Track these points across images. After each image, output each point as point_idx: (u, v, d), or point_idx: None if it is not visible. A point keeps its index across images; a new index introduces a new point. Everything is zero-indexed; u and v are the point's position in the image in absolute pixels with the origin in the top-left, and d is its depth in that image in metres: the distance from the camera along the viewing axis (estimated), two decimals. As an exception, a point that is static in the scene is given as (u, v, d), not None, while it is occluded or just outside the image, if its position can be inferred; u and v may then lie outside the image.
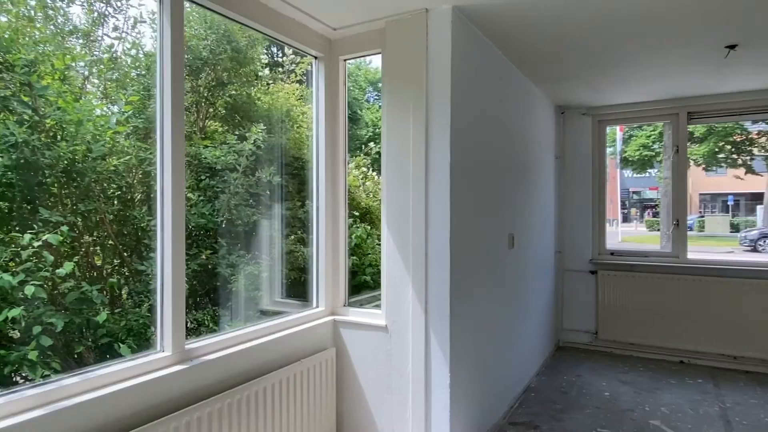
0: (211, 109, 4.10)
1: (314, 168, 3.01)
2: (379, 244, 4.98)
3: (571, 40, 3.17)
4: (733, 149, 17.18)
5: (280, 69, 5.19)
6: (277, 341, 2.52)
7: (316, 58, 3.01)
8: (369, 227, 4.66)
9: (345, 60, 3.03)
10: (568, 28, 2.95)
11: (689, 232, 4.97)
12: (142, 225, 3.13)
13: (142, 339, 2.68)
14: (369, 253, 4.58)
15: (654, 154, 17.63)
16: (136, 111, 3.00)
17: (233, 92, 4.15)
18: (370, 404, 2.83)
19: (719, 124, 17.04)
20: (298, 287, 3.63)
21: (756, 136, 17.77)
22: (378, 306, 3.07)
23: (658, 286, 4.87)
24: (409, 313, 2.68)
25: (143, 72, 3.18)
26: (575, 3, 2.61)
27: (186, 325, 2.09)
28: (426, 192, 2.62)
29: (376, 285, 4.49)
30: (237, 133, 3.93)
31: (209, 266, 3.51)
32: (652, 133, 16.03)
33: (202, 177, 3.62)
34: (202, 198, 3.54)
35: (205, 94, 3.98)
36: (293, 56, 5.07)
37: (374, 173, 5.53)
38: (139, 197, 3.26)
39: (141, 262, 3.05)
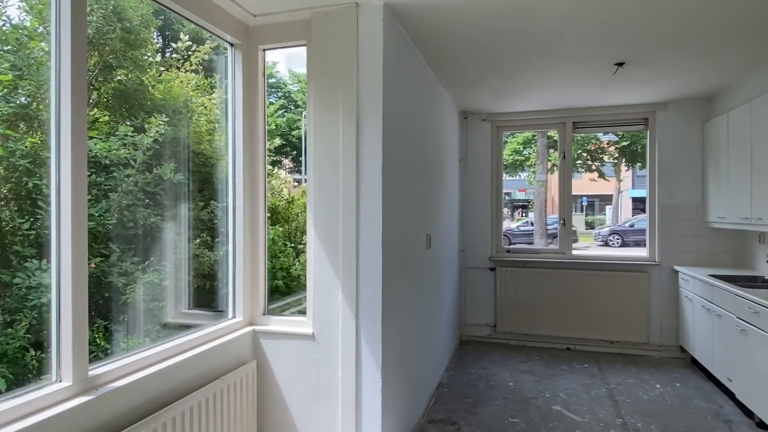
0: (95, 95, 3.57)
1: (230, 165, 2.75)
2: (291, 246, 4.78)
3: (485, 50, 3.30)
4: (588, 156, 19.50)
5: (175, 56, 4.72)
6: (194, 359, 2.25)
7: (232, 45, 2.76)
8: (280, 228, 4.43)
9: (264, 50, 2.82)
10: (484, 38, 3.06)
11: (550, 229, 5.47)
12: (8, 228, 2.62)
13: (18, 365, 2.22)
14: (279, 256, 4.35)
15: (524, 158, 19.24)
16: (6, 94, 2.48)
17: (123, 77, 3.67)
18: (295, 417, 2.66)
19: (577, 134, 19.34)
20: (207, 296, 3.30)
21: (606, 146, 20.42)
22: (300, 313, 2.91)
23: (548, 280, 5.31)
24: (338, 319, 2.57)
25: (14, 48, 2.65)
26: (493, 16, 2.71)
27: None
28: (357, 192, 2.53)
29: (289, 290, 4.29)
30: (129, 123, 3.46)
31: (98, 275, 3.05)
32: (526, 138, 17.54)
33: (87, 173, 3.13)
34: (88, 197, 3.06)
35: (89, 79, 3.45)
36: (189, 43, 4.64)
37: (278, 170, 5.29)
38: (4, 195, 2.72)
39: (12, 273, 2.54)
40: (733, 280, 3.86)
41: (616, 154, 20.64)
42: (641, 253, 5.41)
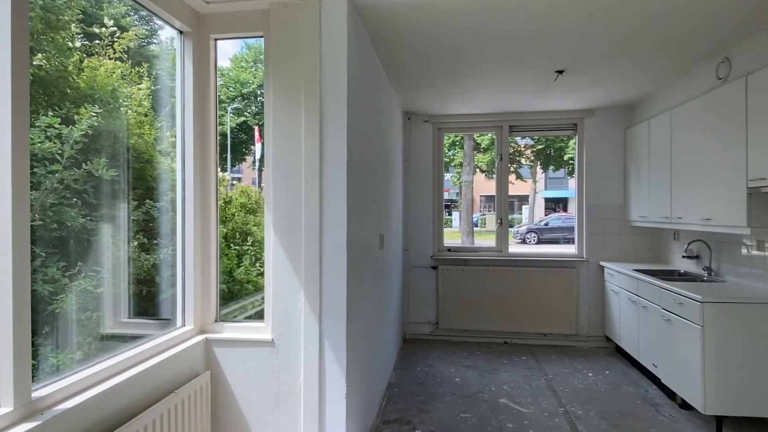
0: (9, 81, 3.16)
1: (179, 160, 2.55)
2: (233, 248, 4.54)
3: (440, 50, 3.34)
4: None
5: (98, 41, 4.31)
6: (146, 373, 2.06)
7: (181, 33, 2.55)
8: (223, 230, 4.19)
9: (216, 39, 2.64)
10: (442, 37, 3.10)
11: (475, 228, 5.71)
12: None
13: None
14: (222, 259, 4.12)
15: (449, 160, 19.81)
16: None
17: (43, 62, 3.28)
18: (253, 429, 2.52)
19: (513, 137, 20.28)
20: (149, 303, 3.04)
21: (523, 149, 21.64)
22: (254, 317, 2.77)
23: (487, 277, 5.50)
24: (300, 323, 2.47)
25: None
26: (452, 16, 2.74)
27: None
28: (321, 191, 2.44)
29: (233, 295, 4.08)
30: (53, 113, 3.11)
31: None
32: (451, 141, 18.09)
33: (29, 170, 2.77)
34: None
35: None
36: (113, 29, 4.26)
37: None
38: None
39: None
40: (653, 274, 4.22)
41: (532, 157, 21.94)
42: (570, 249, 5.77)
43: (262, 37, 2.55)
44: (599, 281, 5.36)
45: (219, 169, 2.74)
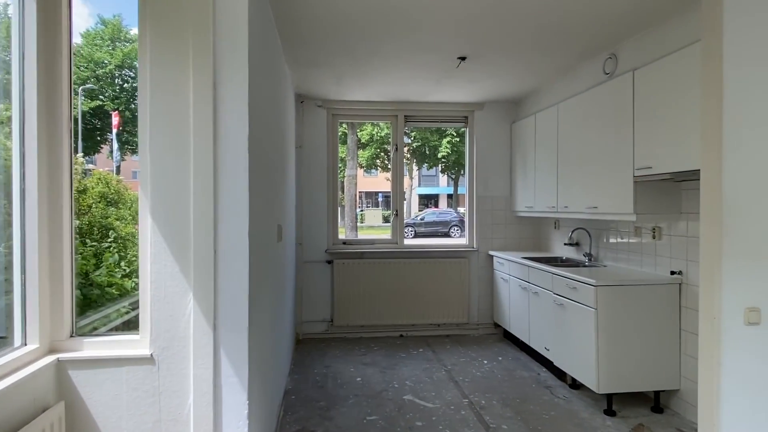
0: None
1: (16, 129, 1.91)
2: (90, 246, 3.76)
3: (344, 22, 3.05)
4: (386, 155, 20.91)
5: None
6: (-37, 417, 1.46)
7: (15, -44, 1.91)
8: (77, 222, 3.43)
9: (69, -27, 2.04)
10: (338, 10, 2.81)
11: (359, 224, 5.63)
12: None
13: None
14: (75, 258, 3.36)
15: (336, 153, 19.50)
16: None
17: None
18: (126, 469, 2.00)
19: (378, 134, 20.60)
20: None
21: (388, 147, 22.23)
22: (126, 328, 2.23)
23: (382, 270, 5.34)
24: (189, 332, 2.01)
25: None
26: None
27: None
28: (215, 168, 2.00)
29: (91, 302, 3.36)
30: None
31: None
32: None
33: None
34: None
35: None
36: None
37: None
38: None
39: None
40: (539, 262, 4.40)
41: (409, 155, 22.65)
42: (462, 240, 5.87)
43: (133, -26, 2.01)
44: (488, 270, 5.52)
45: (73, 151, 2.13)
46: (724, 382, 2.13)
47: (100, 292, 3.51)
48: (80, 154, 5.07)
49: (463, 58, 3.75)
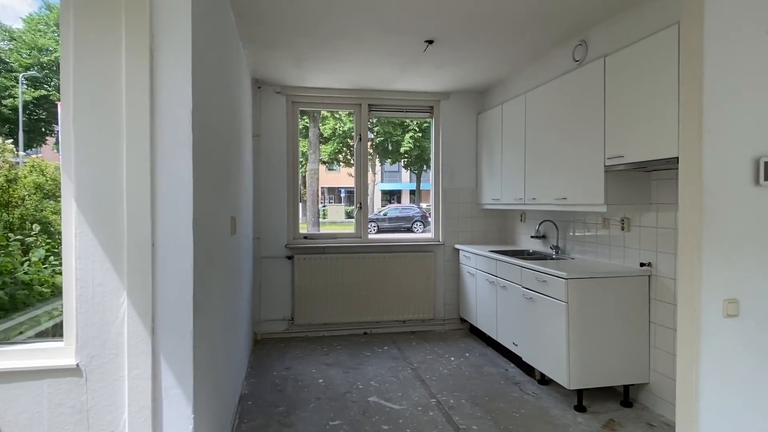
0: None
1: None
2: (16, 240, 3.37)
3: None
4: (349, 150, 20.67)
5: None
6: None
7: None
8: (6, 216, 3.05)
9: None
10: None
11: (321, 220, 5.43)
12: None
13: None
14: (-3, 255, 2.98)
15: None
16: None
17: None
18: (47, 499, 1.71)
19: (341, 128, 20.30)
20: None
21: (351, 141, 22.04)
22: (54, 334, 1.94)
23: (346, 265, 5.12)
24: (123, 338, 1.73)
25: None
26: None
27: None
28: (153, 152, 1.73)
29: (16, 304, 2.99)
30: None
31: None
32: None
33: None
34: None
35: None
36: None
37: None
38: None
39: None
40: (506, 255, 4.29)
41: (371, 151, 22.46)
42: (427, 234, 5.72)
43: None
44: (455, 264, 5.39)
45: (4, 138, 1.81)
46: (703, 376, 2.05)
47: (29, 292, 3.13)
48: (10, 141, 4.59)
49: (430, 42, 3.57)
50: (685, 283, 2.11)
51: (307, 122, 15.22)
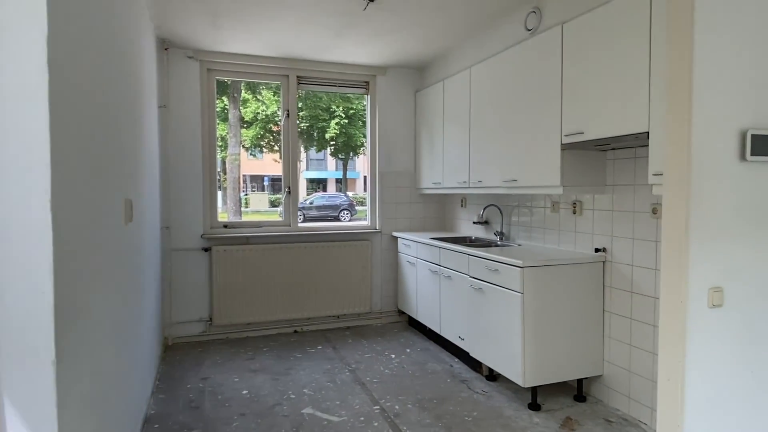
0: None
1: None
2: None
3: None
4: (271, 136, 19.73)
5: None
6: None
7: None
8: None
9: None
10: None
11: (243, 209, 4.91)
12: None
13: None
14: None
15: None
16: None
17: None
18: None
19: (264, 112, 19.28)
20: None
21: (275, 127, 21.21)
22: None
23: (273, 256, 4.59)
24: (-64, 379, 1.14)
25: None
26: None
27: None
28: (-21, 94, 1.14)
29: None
30: None
31: None
32: (217, 112, 16.33)
33: None
34: None
35: None
36: None
37: None
38: None
39: None
40: (448, 242, 4.00)
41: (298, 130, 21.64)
42: (362, 222, 5.31)
43: None
44: (393, 253, 5.04)
45: None
46: (689, 370, 1.82)
47: None
48: None
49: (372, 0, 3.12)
50: (670, 271, 1.87)
51: (226, 104, 14.18)
